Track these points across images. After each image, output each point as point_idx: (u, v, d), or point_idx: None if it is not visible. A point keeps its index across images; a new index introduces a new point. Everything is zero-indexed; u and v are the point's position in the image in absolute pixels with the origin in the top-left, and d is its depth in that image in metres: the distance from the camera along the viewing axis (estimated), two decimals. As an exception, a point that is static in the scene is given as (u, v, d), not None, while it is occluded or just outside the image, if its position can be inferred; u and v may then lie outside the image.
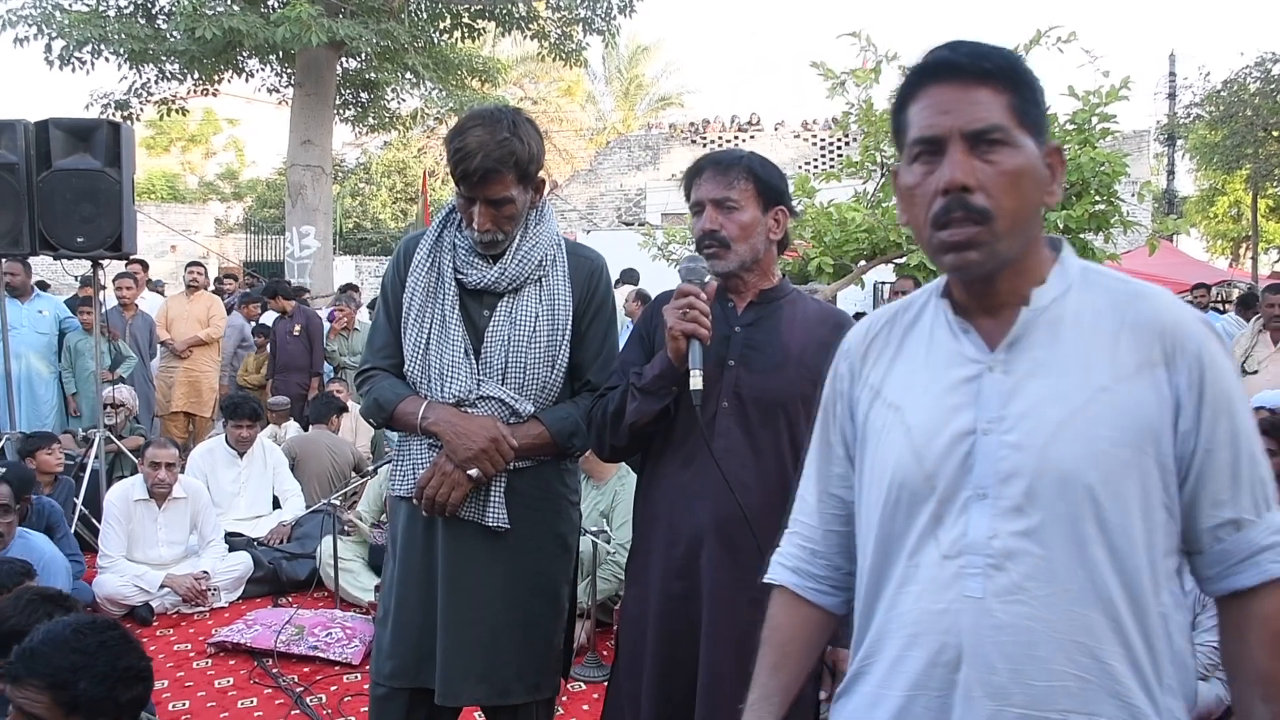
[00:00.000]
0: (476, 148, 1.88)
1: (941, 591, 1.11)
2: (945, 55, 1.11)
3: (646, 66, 27.32)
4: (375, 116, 13.18)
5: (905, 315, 1.26)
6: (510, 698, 2.06)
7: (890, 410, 1.20)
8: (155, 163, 26.55)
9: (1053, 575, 1.06)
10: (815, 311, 1.96)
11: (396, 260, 2.15)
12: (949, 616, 1.10)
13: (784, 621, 1.36)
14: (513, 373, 2.03)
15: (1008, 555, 1.08)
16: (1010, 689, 1.07)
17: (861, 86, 5.82)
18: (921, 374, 1.18)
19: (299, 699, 3.53)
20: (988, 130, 1.07)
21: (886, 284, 7.71)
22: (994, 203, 1.07)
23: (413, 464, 2.06)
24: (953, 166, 1.07)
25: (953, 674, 1.10)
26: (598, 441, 1.98)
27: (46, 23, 9.60)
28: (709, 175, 1.88)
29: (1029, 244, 1.12)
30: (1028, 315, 1.11)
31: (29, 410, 6.27)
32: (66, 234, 4.78)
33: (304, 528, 5.19)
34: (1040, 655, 1.06)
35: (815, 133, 18.86)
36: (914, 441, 1.15)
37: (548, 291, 2.06)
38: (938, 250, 1.11)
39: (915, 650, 1.14)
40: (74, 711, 1.82)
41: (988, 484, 1.10)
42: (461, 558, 2.03)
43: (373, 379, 2.13)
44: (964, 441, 1.11)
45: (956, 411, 1.13)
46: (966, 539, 1.10)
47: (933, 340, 1.19)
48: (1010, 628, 1.07)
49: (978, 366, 1.13)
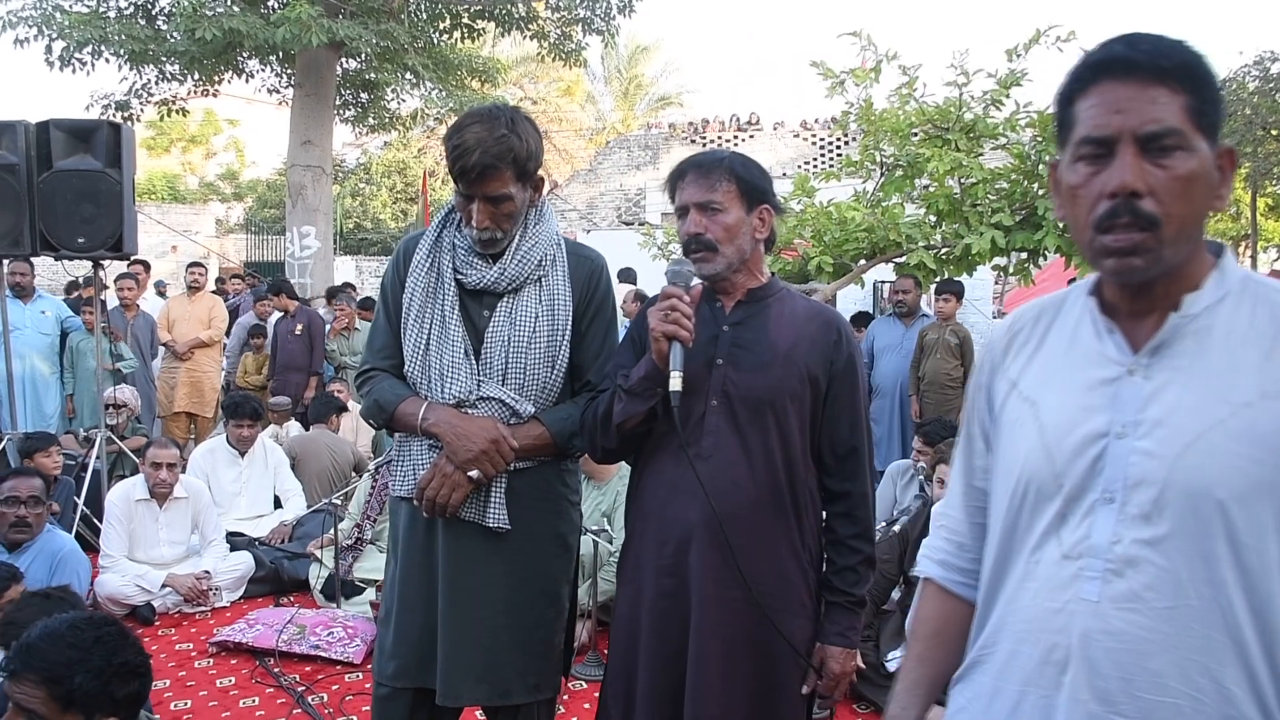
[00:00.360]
0: (474, 144, 1.88)
1: (1058, 591, 1.11)
2: (1121, 50, 1.06)
3: (646, 66, 27.32)
4: (375, 117, 13.18)
5: (1051, 310, 1.23)
6: (510, 698, 2.06)
7: (1025, 404, 1.19)
8: (156, 163, 26.54)
9: (1175, 588, 1.04)
10: (804, 309, 1.96)
11: (396, 261, 2.14)
12: (1063, 617, 1.10)
13: (930, 614, 1.37)
14: (513, 373, 2.03)
15: (1129, 562, 1.06)
16: (1118, 698, 1.05)
17: (861, 86, 5.82)
18: (1061, 370, 1.17)
19: (300, 698, 3.54)
20: (1162, 134, 1.03)
21: (887, 283, 7.71)
22: (1163, 209, 1.03)
23: (413, 465, 2.06)
24: (1123, 170, 1.03)
25: (1060, 674, 1.09)
26: (589, 443, 1.98)
27: (47, 24, 9.60)
28: (691, 178, 1.88)
29: (1192, 250, 1.09)
30: (1176, 321, 1.08)
31: (32, 411, 6.28)
32: (67, 235, 4.79)
33: (305, 527, 5.21)
34: (1152, 668, 1.04)
35: (815, 132, 18.88)
36: (1046, 438, 1.14)
37: (548, 291, 2.06)
38: (1099, 254, 1.08)
39: (1028, 647, 1.14)
40: (70, 706, 1.83)
41: (1115, 488, 1.07)
42: (462, 558, 2.02)
43: (373, 380, 2.12)
44: (1096, 443, 1.09)
45: (1092, 412, 1.11)
46: (1089, 541, 1.09)
47: (1076, 337, 1.17)
48: (1123, 635, 1.05)
49: (1118, 369, 1.11)
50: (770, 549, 1.84)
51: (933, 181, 5.54)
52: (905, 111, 5.75)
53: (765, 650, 1.84)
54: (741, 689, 1.83)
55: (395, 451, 2.14)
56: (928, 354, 6.14)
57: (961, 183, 5.59)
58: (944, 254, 5.58)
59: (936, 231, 5.62)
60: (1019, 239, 5.36)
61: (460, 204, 2.00)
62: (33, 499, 3.77)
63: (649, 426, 1.91)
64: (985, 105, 5.62)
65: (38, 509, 3.78)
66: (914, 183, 5.85)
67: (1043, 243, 5.30)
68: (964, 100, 5.59)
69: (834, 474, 1.91)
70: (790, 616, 1.85)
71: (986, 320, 10.79)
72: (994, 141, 5.69)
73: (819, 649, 1.89)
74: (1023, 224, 5.41)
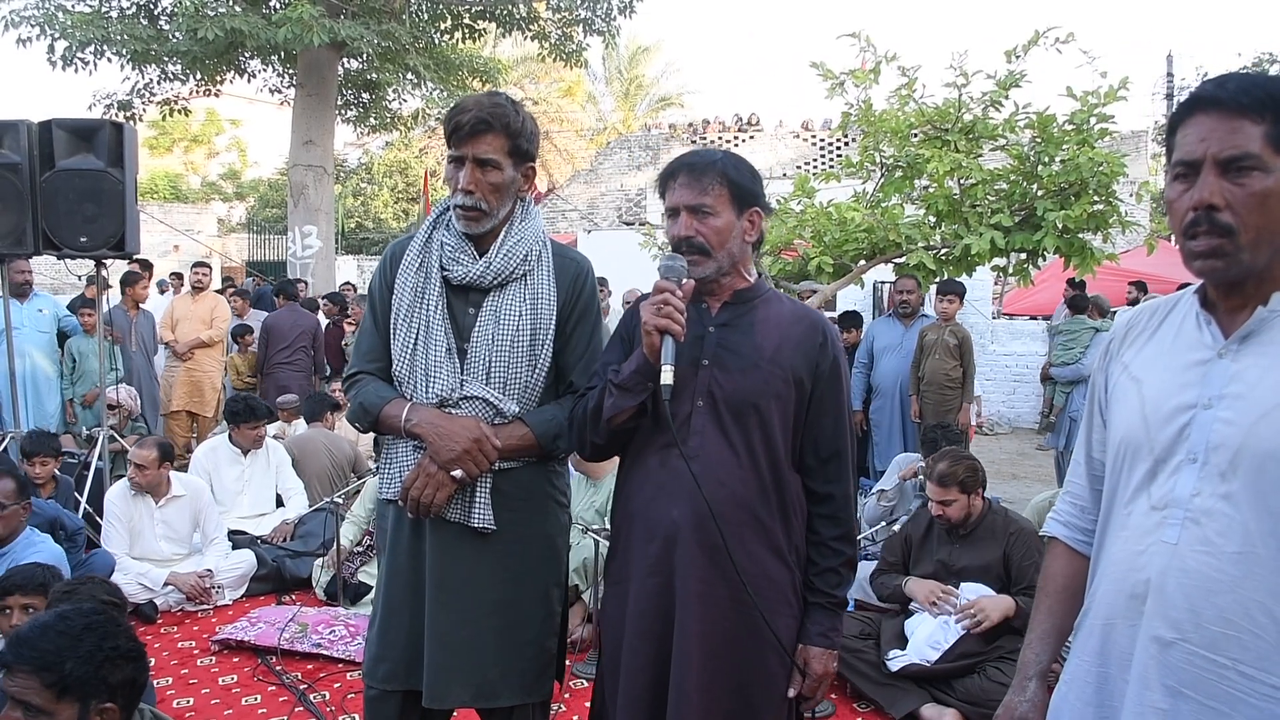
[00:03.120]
0: (472, 105, 1.97)
1: (1144, 536, 1.31)
2: (1211, 90, 1.27)
3: (646, 67, 27.35)
4: (377, 117, 13.21)
5: (1165, 307, 1.44)
6: (497, 701, 2.05)
7: (1132, 382, 1.40)
8: (158, 163, 26.58)
9: (1244, 536, 1.22)
10: (790, 311, 1.96)
11: (383, 265, 2.14)
12: (1145, 557, 1.30)
13: (1057, 571, 1.56)
14: (497, 371, 2.03)
15: (1205, 512, 1.25)
16: (1186, 626, 1.24)
17: (860, 87, 5.82)
18: (1164, 354, 1.38)
19: (302, 696, 3.55)
20: (1239, 158, 1.22)
21: (887, 283, 7.72)
22: (1239, 220, 1.23)
23: (399, 466, 2.06)
24: (1201, 188, 1.25)
25: (1140, 605, 1.29)
26: (579, 439, 1.97)
27: (49, 24, 9.62)
28: (683, 180, 1.87)
29: (1276, 254, 1.26)
30: (1263, 314, 1.27)
31: (34, 408, 6.30)
32: (70, 234, 4.80)
33: (306, 526, 5.22)
34: (1219, 603, 1.22)
35: (815, 133, 18.89)
36: (1145, 409, 1.35)
37: (532, 289, 2.07)
38: (1188, 256, 1.29)
39: (1116, 584, 1.34)
40: (64, 694, 1.84)
41: (1198, 450, 1.27)
42: (449, 560, 2.02)
43: (358, 383, 2.12)
44: (1185, 413, 1.29)
45: (1185, 388, 1.31)
46: (1173, 494, 1.28)
47: (1181, 329, 1.38)
48: (1194, 573, 1.24)
49: (1210, 352, 1.31)
50: (756, 548, 1.85)
51: (932, 182, 5.54)
52: (905, 112, 5.75)
53: (749, 648, 1.85)
54: (725, 686, 1.84)
55: (383, 455, 2.14)
56: (927, 354, 6.16)
57: (961, 183, 5.60)
58: (943, 254, 5.58)
59: (936, 232, 5.63)
60: (1018, 239, 5.37)
61: (450, 173, 2.03)
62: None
63: (638, 423, 1.91)
64: (984, 106, 5.62)
65: (7, 510, 3.66)
66: (913, 183, 5.86)
67: (1042, 243, 5.30)
68: (963, 101, 5.59)
69: (817, 476, 1.92)
70: (776, 615, 1.86)
71: (986, 320, 10.79)
72: (993, 142, 5.69)
73: (801, 649, 1.89)
74: (1022, 225, 5.41)
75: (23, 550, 3.70)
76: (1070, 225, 5.20)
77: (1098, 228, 5.36)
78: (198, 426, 7.62)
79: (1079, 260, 5.37)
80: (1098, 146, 5.21)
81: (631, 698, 1.87)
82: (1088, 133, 5.25)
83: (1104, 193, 5.23)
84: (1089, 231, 5.39)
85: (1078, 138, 5.23)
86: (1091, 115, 5.28)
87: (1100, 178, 5.12)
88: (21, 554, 3.67)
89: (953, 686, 3.42)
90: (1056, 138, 5.28)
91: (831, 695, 3.59)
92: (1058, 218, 5.19)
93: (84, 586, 2.82)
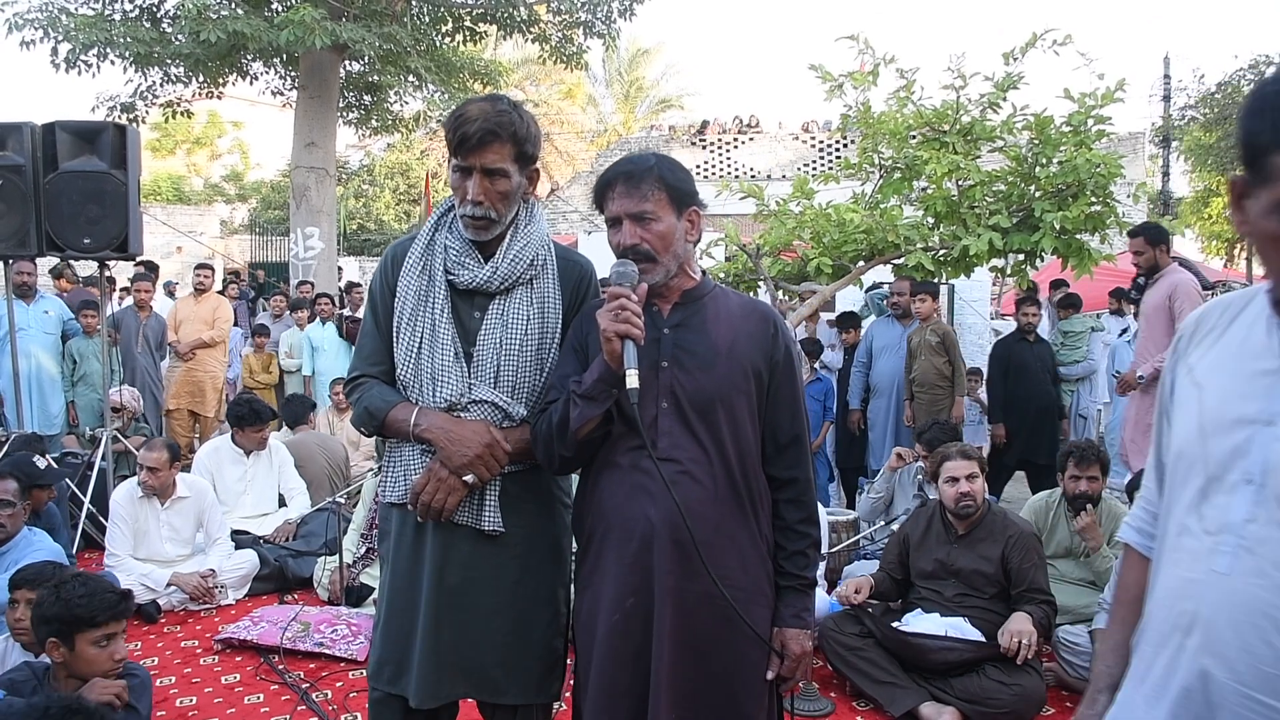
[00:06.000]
0: (477, 114, 1.92)
1: (1195, 562, 1.21)
2: None
3: (647, 69, 27.37)
4: (378, 119, 13.21)
5: (1238, 305, 1.32)
6: (502, 697, 2.05)
7: (1195, 388, 1.29)
8: (161, 165, 26.64)
9: None
10: (739, 305, 2.00)
11: (384, 267, 2.12)
12: (1196, 586, 1.19)
13: (1130, 579, 1.48)
14: (505, 375, 2.02)
15: (1261, 541, 1.13)
16: (1236, 662, 1.13)
17: (859, 89, 5.86)
18: (1230, 360, 1.26)
19: (305, 695, 3.58)
20: None
21: (886, 284, 7.74)
22: None
23: (405, 470, 2.05)
24: None
25: (1185, 638, 1.20)
26: (546, 454, 1.95)
27: (52, 26, 9.64)
28: (621, 189, 1.88)
29: None
30: None
31: (39, 409, 6.33)
32: (73, 235, 4.84)
33: (309, 525, 5.25)
34: (1272, 641, 1.10)
35: (814, 134, 18.91)
36: (1203, 418, 1.24)
37: (538, 293, 2.07)
38: None
39: (1165, 612, 1.25)
40: None
41: (1255, 472, 1.15)
42: (452, 561, 2.02)
43: (362, 387, 2.10)
44: (1245, 428, 1.18)
45: (1246, 400, 1.19)
46: (1226, 518, 1.17)
47: (1250, 333, 1.25)
48: (1246, 607, 1.13)
49: (1277, 361, 1.18)
50: (733, 542, 1.88)
51: (930, 184, 5.57)
52: (903, 114, 5.78)
53: (728, 642, 1.87)
54: (705, 681, 1.86)
55: (386, 458, 2.13)
56: (916, 357, 6.25)
57: (959, 185, 5.62)
58: (942, 256, 5.61)
59: (934, 233, 5.65)
60: (1016, 240, 5.40)
61: (456, 181, 2.00)
62: (4, 501, 3.70)
63: (605, 431, 1.92)
64: (982, 108, 5.66)
65: (7, 510, 3.70)
66: (912, 185, 5.89)
67: (1039, 244, 5.33)
68: (961, 103, 5.62)
69: (778, 462, 1.96)
70: (754, 607, 1.89)
71: (984, 321, 10.80)
72: (991, 144, 5.72)
73: (777, 633, 1.93)
74: (1020, 226, 5.44)
75: (23, 549, 3.74)
76: (1068, 226, 5.23)
77: (1095, 229, 5.39)
78: (199, 426, 7.65)
79: (1076, 261, 5.40)
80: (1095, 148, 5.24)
81: (613, 696, 1.88)
82: (1085, 134, 5.28)
83: (1101, 194, 5.26)
84: (1086, 232, 5.42)
85: (1075, 139, 5.25)
86: (1089, 117, 5.31)
87: (1098, 179, 5.15)
88: (22, 553, 3.71)
89: (951, 685, 3.44)
90: (1054, 139, 5.31)
91: (830, 694, 3.61)
92: (1055, 219, 5.22)
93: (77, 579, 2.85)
